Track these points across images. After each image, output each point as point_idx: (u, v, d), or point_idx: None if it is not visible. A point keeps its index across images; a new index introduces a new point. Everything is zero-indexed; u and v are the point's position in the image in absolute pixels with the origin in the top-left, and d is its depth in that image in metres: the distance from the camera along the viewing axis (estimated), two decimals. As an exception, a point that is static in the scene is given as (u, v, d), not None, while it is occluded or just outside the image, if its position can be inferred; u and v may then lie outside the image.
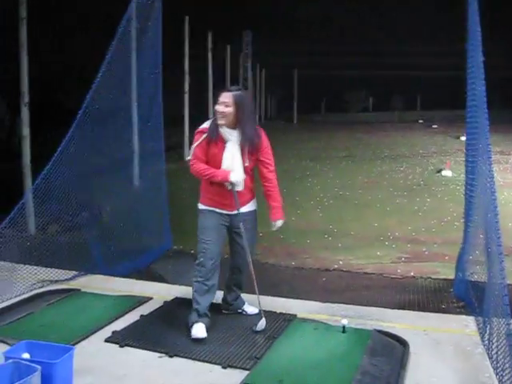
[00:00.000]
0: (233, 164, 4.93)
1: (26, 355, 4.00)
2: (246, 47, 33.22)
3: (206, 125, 5.00)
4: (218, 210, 5.05)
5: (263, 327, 5.05)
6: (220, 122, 4.90)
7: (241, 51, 32.60)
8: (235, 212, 5.06)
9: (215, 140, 4.92)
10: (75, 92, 8.34)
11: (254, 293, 5.16)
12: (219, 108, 4.89)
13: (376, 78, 54.30)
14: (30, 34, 9.03)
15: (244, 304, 5.54)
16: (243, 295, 5.56)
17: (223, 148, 4.93)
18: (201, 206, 5.11)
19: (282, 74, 46.96)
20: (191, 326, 4.94)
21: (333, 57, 48.01)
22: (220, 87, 5.05)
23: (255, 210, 5.32)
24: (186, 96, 19.59)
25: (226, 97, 4.90)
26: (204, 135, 4.94)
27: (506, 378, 3.74)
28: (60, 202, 6.53)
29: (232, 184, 4.92)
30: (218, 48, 24.35)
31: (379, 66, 51.56)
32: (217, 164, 4.93)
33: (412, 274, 7.46)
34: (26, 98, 8.94)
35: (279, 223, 5.24)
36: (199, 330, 4.90)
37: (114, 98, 7.10)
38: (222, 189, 4.98)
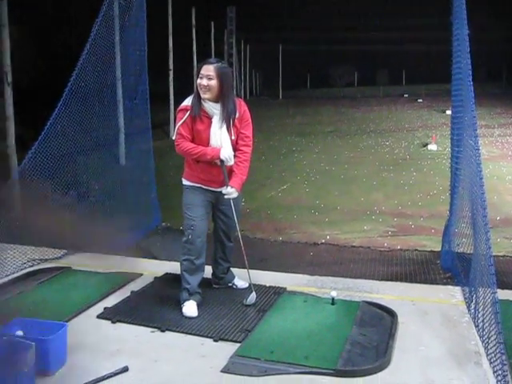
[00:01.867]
0: (221, 139, 4.87)
1: (20, 332, 4.04)
2: (231, 23, 33.00)
3: (187, 102, 4.90)
4: (204, 187, 5.02)
5: (253, 301, 5.10)
6: (204, 95, 4.82)
7: (225, 27, 32.38)
8: (221, 189, 4.99)
9: (199, 116, 4.84)
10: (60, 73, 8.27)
11: (243, 267, 5.21)
12: (202, 82, 4.80)
13: (361, 53, 54.34)
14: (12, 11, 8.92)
15: (234, 278, 5.58)
16: (233, 269, 5.61)
17: (209, 124, 4.86)
18: (186, 182, 5.04)
19: (267, 50, 46.77)
20: (182, 304, 4.97)
21: (318, 31, 47.93)
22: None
23: None
24: (171, 73, 19.49)
25: (209, 70, 4.80)
26: (187, 112, 4.84)
27: (491, 345, 3.83)
28: (46, 182, 6.51)
29: (222, 161, 4.88)
30: (202, 24, 24.16)
31: (364, 40, 51.52)
32: (203, 141, 4.86)
33: (399, 247, 7.54)
34: (9, 78, 8.86)
35: (232, 191, 4.91)
36: (190, 308, 4.93)
37: (99, 76, 7.06)
38: (207, 166, 4.93)
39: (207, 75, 4.80)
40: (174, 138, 4.94)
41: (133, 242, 7.43)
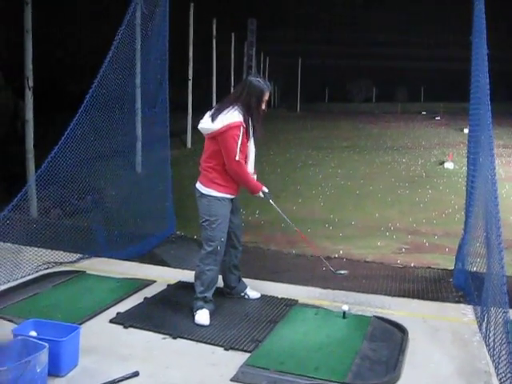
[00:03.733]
0: (251, 158, 5.18)
1: (34, 333, 4.10)
2: (251, 35, 33.15)
3: (239, 118, 4.90)
4: (229, 197, 5.11)
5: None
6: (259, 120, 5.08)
7: (245, 39, 32.55)
8: (235, 196, 5.23)
9: (248, 133, 5.00)
10: (82, 78, 8.39)
11: (255, 278, 5.23)
12: (264, 107, 5.08)
13: (380, 69, 54.27)
14: (36, 19, 9.05)
15: (246, 288, 5.62)
16: (245, 280, 5.65)
17: (248, 139, 5.03)
18: (215, 193, 5.03)
19: (286, 63, 46.92)
20: (195, 312, 5.01)
21: (337, 46, 48.02)
22: (263, 84, 5.05)
23: None
24: (190, 83, 19.62)
25: (268, 95, 5.08)
26: (241, 129, 4.90)
27: (501, 364, 3.82)
28: (63, 187, 6.59)
29: (264, 193, 5.23)
30: (223, 35, 24.32)
31: (383, 56, 51.53)
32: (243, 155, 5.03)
33: (412, 264, 7.52)
34: (30, 82, 8.98)
35: None
36: (203, 317, 4.98)
37: (120, 84, 7.15)
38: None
39: (267, 100, 5.11)
40: (236, 157, 4.88)
41: (147, 249, 7.49)
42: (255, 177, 5.28)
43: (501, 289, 3.82)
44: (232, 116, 4.89)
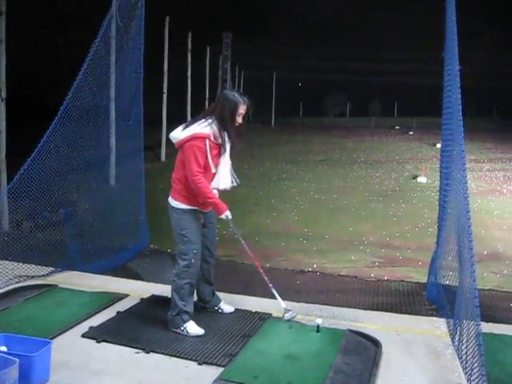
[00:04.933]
0: (225, 172, 5.09)
1: (4, 348, 4.03)
2: (226, 49, 33.24)
3: (206, 130, 4.88)
4: (199, 210, 5.09)
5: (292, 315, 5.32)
6: (238, 133, 5.08)
7: (220, 52, 32.63)
8: (208, 210, 5.20)
9: (217, 145, 4.95)
10: (57, 89, 8.34)
11: (230, 292, 5.21)
12: (239, 120, 5.03)
13: (354, 83, 54.73)
14: (10, 30, 8.99)
15: (220, 302, 5.60)
16: (219, 293, 5.63)
17: (218, 155, 4.98)
18: (183, 206, 5.03)
19: (261, 76, 47.08)
20: (184, 327, 4.98)
21: (311, 60, 48.31)
22: (236, 97, 5.00)
23: None
24: (165, 96, 19.59)
25: (245, 109, 5.03)
26: (206, 141, 4.87)
27: (474, 376, 3.84)
28: (35, 200, 6.52)
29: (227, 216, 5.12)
30: (198, 49, 24.36)
31: (358, 71, 51.97)
32: (210, 168, 4.95)
33: (385, 278, 7.56)
34: (3, 94, 8.90)
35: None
36: (196, 327, 5.00)
37: (94, 96, 7.12)
38: None
39: (243, 114, 5.04)
40: (194, 170, 4.86)
41: (120, 262, 7.43)
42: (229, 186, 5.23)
43: (473, 302, 3.85)
44: (200, 127, 4.89)
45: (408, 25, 47.15)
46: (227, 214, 5.10)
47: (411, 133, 36.23)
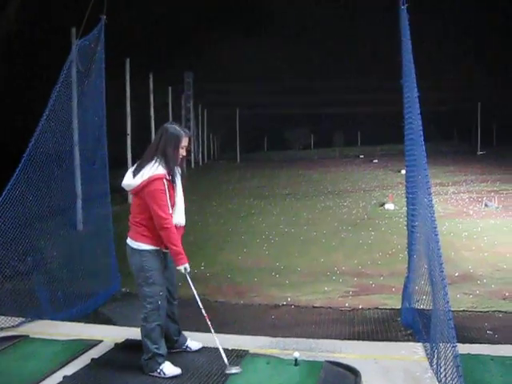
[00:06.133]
0: (180, 206, 5.07)
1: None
2: (188, 88, 33.46)
3: (160, 171, 4.88)
4: (161, 249, 5.04)
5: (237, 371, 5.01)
6: (180, 166, 5.06)
7: (183, 92, 32.82)
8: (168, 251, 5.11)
9: (173, 183, 4.97)
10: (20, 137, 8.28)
11: (196, 330, 5.18)
12: (183, 153, 5.04)
13: (316, 116, 55.35)
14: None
15: (187, 340, 5.56)
16: (185, 333, 5.60)
17: (174, 189, 4.98)
18: (147, 247, 4.98)
19: (225, 114, 47.39)
20: (161, 369, 4.91)
21: (273, 95, 48.78)
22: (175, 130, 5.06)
23: None
24: (129, 138, 19.55)
25: (187, 141, 5.04)
26: (164, 181, 4.87)
27: (454, 399, 3.86)
28: (2, 249, 6.41)
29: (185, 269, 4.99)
30: (160, 89, 24.46)
31: (319, 103, 52.57)
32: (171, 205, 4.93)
33: (360, 306, 7.56)
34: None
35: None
36: (172, 368, 4.94)
37: (58, 141, 7.09)
38: None
39: (186, 146, 5.04)
40: (163, 215, 4.84)
41: (92, 308, 7.33)
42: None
43: (448, 324, 3.88)
44: (152, 169, 4.89)
45: (364, 56, 48.09)
46: (186, 266, 4.98)
47: (376, 161, 36.60)
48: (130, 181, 4.97)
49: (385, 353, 5.45)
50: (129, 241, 5.07)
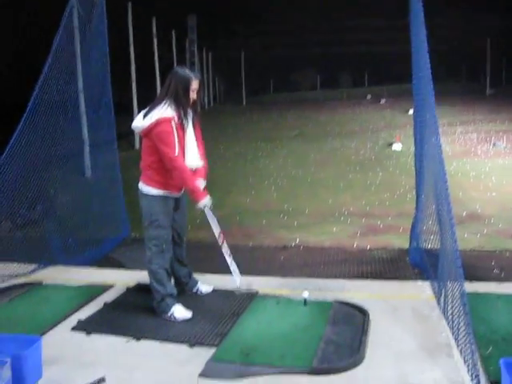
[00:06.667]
0: (193, 149, 5.03)
1: (-6, 348, 4.01)
2: (191, 32, 32.98)
3: (169, 113, 4.87)
4: (170, 195, 5.07)
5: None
6: (193, 109, 5.04)
7: (186, 36, 32.37)
8: (180, 195, 5.17)
9: (182, 124, 4.93)
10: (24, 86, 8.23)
11: (206, 272, 5.20)
12: (194, 96, 4.99)
13: (323, 56, 54.60)
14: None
15: (197, 283, 5.65)
16: (197, 275, 5.70)
17: (183, 135, 4.94)
18: (153, 192, 5.02)
19: (229, 57, 46.83)
20: (172, 312, 5.00)
21: (278, 36, 48.10)
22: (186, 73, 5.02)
23: None
24: (134, 84, 19.43)
25: (197, 84, 4.99)
26: (172, 123, 4.86)
27: (461, 336, 3.93)
28: (11, 199, 6.46)
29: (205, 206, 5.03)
30: (163, 34, 24.13)
31: (325, 43, 51.86)
32: (181, 147, 4.92)
33: (368, 246, 7.61)
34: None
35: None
36: (183, 311, 5.02)
37: (62, 89, 7.04)
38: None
39: (197, 89, 4.99)
40: (171, 154, 4.84)
41: (103, 253, 7.41)
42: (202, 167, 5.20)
43: (455, 263, 3.91)
44: (161, 111, 4.88)
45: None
46: (204, 202, 5.00)
47: (383, 101, 36.26)
48: (139, 123, 4.97)
49: (393, 292, 5.52)
50: (139, 184, 5.11)
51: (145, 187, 5.07)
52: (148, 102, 5.17)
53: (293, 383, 3.86)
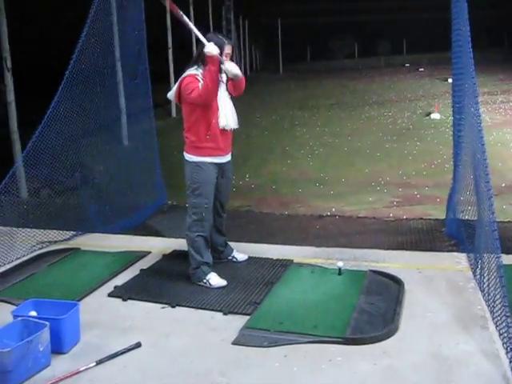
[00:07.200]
0: (225, 109, 5.05)
1: (33, 313, 4.12)
2: (228, -1, 32.76)
3: (194, 71, 4.95)
4: (214, 161, 5.08)
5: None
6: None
7: (223, 3, 32.15)
8: (226, 160, 5.20)
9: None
10: (61, 55, 8.28)
11: (240, 241, 5.33)
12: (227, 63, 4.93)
13: (360, 23, 53.82)
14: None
15: (233, 251, 5.70)
16: (230, 243, 5.75)
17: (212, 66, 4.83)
18: (195, 159, 5.05)
19: (266, 24, 46.45)
20: (206, 278, 5.06)
21: (316, 3, 47.47)
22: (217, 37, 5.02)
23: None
24: (170, 51, 19.40)
25: (230, 49, 5.00)
26: (198, 77, 4.89)
27: (496, 308, 3.89)
28: (51, 166, 6.55)
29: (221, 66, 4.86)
30: (199, 0, 23.97)
31: (363, 10, 51.07)
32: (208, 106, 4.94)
33: (404, 217, 7.55)
34: (8, 63, 8.84)
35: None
36: (218, 279, 5.08)
37: (99, 58, 7.06)
38: (216, 132, 5.02)
39: (229, 54, 5.00)
40: (195, 92, 4.85)
41: (140, 221, 7.49)
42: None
43: (492, 235, 3.86)
44: (187, 72, 4.96)
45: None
46: (211, 49, 4.77)
47: (422, 69, 35.65)
48: (171, 90, 5.06)
49: (428, 263, 5.49)
50: (184, 153, 5.16)
51: (187, 155, 5.13)
52: (185, 70, 5.17)
53: (326, 352, 3.88)
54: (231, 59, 5.04)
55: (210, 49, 4.76)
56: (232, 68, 4.90)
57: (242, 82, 5.10)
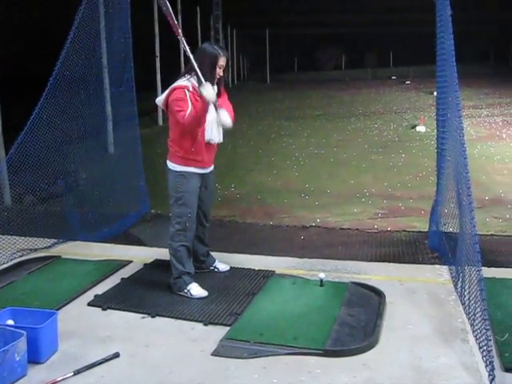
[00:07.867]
0: (213, 124, 4.99)
1: (11, 322, 4.07)
2: (216, 8, 32.82)
3: (185, 83, 4.88)
4: (197, 171, 5.06)
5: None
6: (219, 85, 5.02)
7: (211, 12, 32.22)
8: (208, 171, 5.19)
9: (199, 99, 4.79)
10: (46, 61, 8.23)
11: (223, 251, 5.22)
12: (220, 72, 4.95)
13: (348, 36, 54.15)
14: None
15: (215, 261, 5.67)
16: (212, 253, 5.73)
17: (203, 108, 4.76)
18: (179, 168, 5.02)
19: (254, 34, 46.61)
20: (188, 290, 5.02)
21: (304, 15, 47.73)
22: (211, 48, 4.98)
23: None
24: (157, 60, 19.39)
25: (224, 61, 4.96)
26: (185, 91, 4.82)
27: (477, 321, 3.89)
28: (34, 173, 6.51)
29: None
30: (188, 10, 24.02)
31: (350, 23, 51.37)
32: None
33: (388, 228, 7.56)
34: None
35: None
36: (200, 290, 5.04)
37: (84, 64, 7.03)
38: (201, 144, 4.99)
39: (223, 66, 4.96)
40: (181, 114, 4.76)
41: (122, 229, 7.45)
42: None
43: (473, 247, 3.87)
44: (177, 82, 4.90)
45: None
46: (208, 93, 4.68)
47: (408, 82, 35.91)
48: (160, 97, 5.02)
49: (410, 275, 5.49)
50: (167, 161, 5.12)
51: (170, 164, 5.09)
52: (171, 78, 5.15)
53: (305, 364, 3.85)
54: (224, 70, 5.01)
55: (209, 95, 4.67)
56: (225, 120, 4.91)
57: (231, 115, 5.08)
